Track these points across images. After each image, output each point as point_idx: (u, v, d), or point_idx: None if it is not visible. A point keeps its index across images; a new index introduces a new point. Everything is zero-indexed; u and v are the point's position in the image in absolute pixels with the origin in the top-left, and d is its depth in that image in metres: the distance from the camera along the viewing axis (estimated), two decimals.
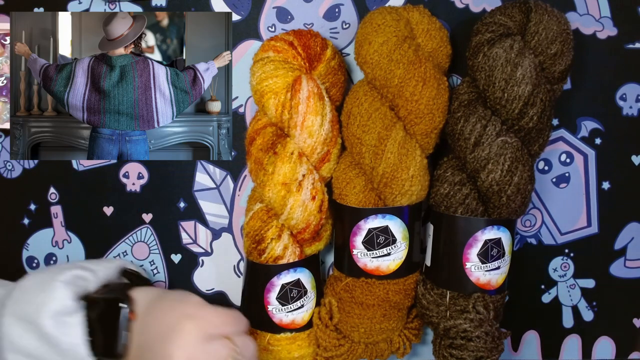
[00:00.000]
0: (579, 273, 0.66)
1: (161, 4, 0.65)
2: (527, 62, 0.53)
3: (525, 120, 0.54)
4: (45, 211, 0.66)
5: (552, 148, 0.64)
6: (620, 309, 0.66)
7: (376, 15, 0.56)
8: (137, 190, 0.66)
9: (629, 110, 0.64)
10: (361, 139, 0.55)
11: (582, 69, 0.63)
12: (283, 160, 0.55)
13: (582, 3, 0.63)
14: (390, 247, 0.57)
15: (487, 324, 0.55)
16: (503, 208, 0.55)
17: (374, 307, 0.58)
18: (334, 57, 0.59)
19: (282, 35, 0.58)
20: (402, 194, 0.55)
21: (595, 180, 0.65)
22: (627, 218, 0.65)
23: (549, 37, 0.54)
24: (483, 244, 0.55)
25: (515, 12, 0.55)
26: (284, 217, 0.56)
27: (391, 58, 0.54)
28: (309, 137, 0.56)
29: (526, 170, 0.54)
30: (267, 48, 0.58)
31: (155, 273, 0.67)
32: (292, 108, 0.55)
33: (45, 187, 0.66)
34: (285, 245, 0.57)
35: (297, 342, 0.60)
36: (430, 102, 0.55)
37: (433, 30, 0.57)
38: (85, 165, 0.66)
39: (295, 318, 0.59)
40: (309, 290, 0.60)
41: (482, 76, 0.54)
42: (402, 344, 0.61)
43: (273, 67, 0.56)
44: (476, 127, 0.54)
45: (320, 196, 0.57)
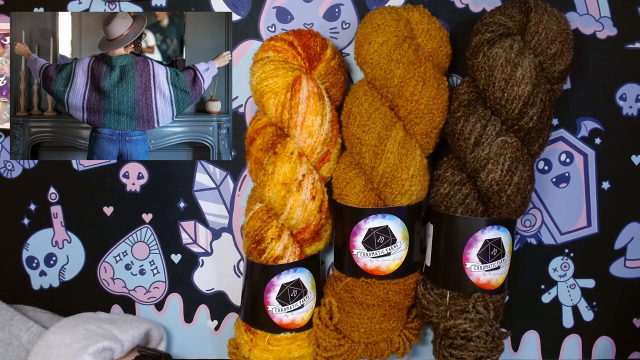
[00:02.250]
0: (579, 273, 0.66)
1: (161, 4, 0.65)
2: (527, 62, 0.53)
3: (525, 120, 0.54)
4: (45, 211, 0.66)
5: (552, 148, 0.64)
6: (620, 309, 0.66)
7: (376, 15, 0.56)
8: (137, 190, 0.66)
9: (629, 110, 0.64)
10: (361, 138, 0.55)
11: (582, 69, 0.63)
12: (283, 160, 0.55)
13: (582, 3, 0.63)
14: (390, 247, 0.57)
15: (487, 323, 0.55)
16: (503, 208, 0.55)
17: (373, 307, 0.58)
18: (334, 57, 0.59)
19: (282, 35, 0.58)
20: (402, 193, 0.55)
21: (595, 180, 0.65)
22: (627, 218, 0.65)
23: (548, 37, 0.54)
24: (483, 243, 0.55)
25: (515, 12, 0.55)
26: (284, 217, 0.56)
27: (391, 58, 0.54)
28: (308, 137, 0.56)
29: (526, 170, 0.54)
30: (267, 48, 0.58)
31: (155, 273, 0.67)
32: (292, 108, 0.55)
33: (45, 187, 0.66)
34: (285, 245, 0.57)
35: (297, 342, 0.60)
36: (430, 102, 0.55)
37: (433, 30, 0.57)
38: (85, 165, 0.66)
39: (295, 318, 0.59)
40: (309, 290, 0.60)
41: (482, 76, 0.54)
42: (402, 344, 0.61)
43: (273, 67, 0.56)
44: (476, 126, 0.54)
45: (320, 196, 0.57)
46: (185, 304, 0.67)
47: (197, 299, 0.67)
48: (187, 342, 0.67)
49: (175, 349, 0.67)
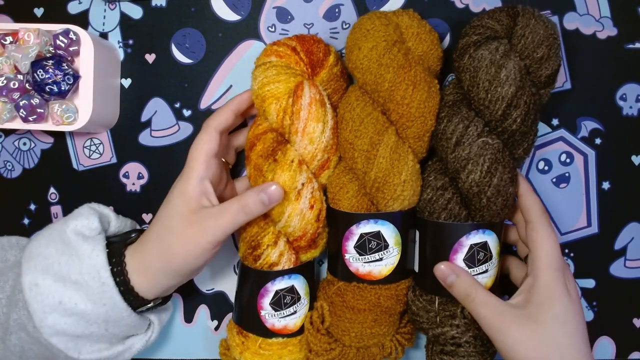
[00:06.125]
0: (579, 273, 0.66)
1: (161, 4, 0.65)
2: (511, 64, 0.53)
3: (509, 122, 0.54)
4: (45, 211, 0.67)
5: (552, 148, 0.64)
6: (620, 309, 0.66)
7: (365, 21, 0.56)
8: (137, 190, 0.66)
9: (629, 110, 0.64)
10: (353, 144, 0.55)
11: (582, 69, 0.63)
12: (283, 168, 0.55)
13: (582, 3, 0.63)
14: (382, 252, 0.56)
15: (475, 328, 0.55)
16: (484, 210, 0.54)
17: (365, 312, 0.58)
18: (337, 64, 0.58)
19: (285, 40, 0.58)
20: (394, 199, 0.55)
21: (595, 180, 0.65)
22: (627, 218, 0.65)
23: (535, 41, 0.54)
24: (469, 248, 0.55)
25: (503, 16, 0.55)
26: (281, 225, 0.56)
27: (381, 63, 0.54)
28: (309, 144, 0.55)
29: (506, 172, 0.54)
30: (270, 53, 0.57)
31: None
32: (294, 114, 0.55)
33: (45, 187, 0.66)
34: (281, 252, 0.57)
35: (289, 348, 0.59)
36: (421, 105, 0.54)
37: (423, 34, 0.56)
38: (85, 165, 0.66)
39: (288, 324, 0.59)
40: (303, 296, 0.59)
41: (467, 77, 0.54)
42: (394, 348, 0.60)
43: (275, 72, 0.56)
44: (458, 127, 0.54)
45: (318, 205, 0.56)
46: (185, 304, 0.67)
47: (197, 299, 0.67)
48: (187, 342, 0.67)
49: (175, 349, 0.67)
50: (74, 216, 0.56)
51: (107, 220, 0.59)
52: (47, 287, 0.52)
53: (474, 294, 0.53)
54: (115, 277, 0.53)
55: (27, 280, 0.52)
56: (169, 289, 0.56)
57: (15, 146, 0.67)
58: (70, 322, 0.52)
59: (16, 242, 0.61)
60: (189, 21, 0.65)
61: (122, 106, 0.65)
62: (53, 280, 0.52)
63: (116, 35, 0.65)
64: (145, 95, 0.65)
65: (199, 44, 0.65)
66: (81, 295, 0.52)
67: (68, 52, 0.59)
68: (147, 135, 0.66)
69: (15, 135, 0.67)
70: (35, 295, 0.52)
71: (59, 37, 0.58)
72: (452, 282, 0.54)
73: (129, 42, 0.65)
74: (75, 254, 0.53)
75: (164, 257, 0.53)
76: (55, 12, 0.66)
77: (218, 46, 0.65)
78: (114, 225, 0.59)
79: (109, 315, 0.53)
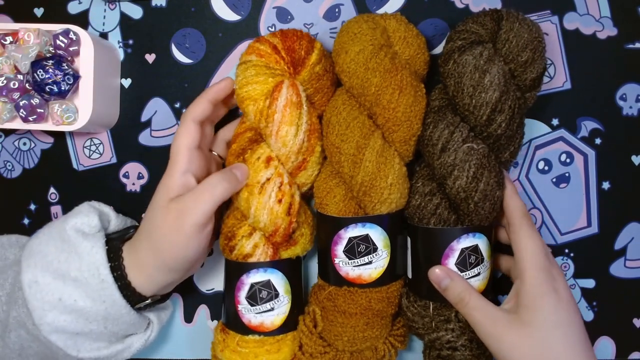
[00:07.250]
0: (579, 273, 0.66)
1: (161, 4, 0.65)
2: (495, 69, 0.53)
3: (494, 127, 0.54)
4: (45, 211, 0.67)
5: (552, 148, 0.64)
6: (620, 309, 0.66)
7: (352, 24, 0.56)
8: (137, 190, 0.66)
9: (629, 110, 0.64)
10: (340, 148, 0.55)
11: (582, 69, 0.63)
12: (248, 164, 0.56)
13: (582, 3, 0.63)
14: (372, 255, 0.56)
15: (470, 331, 0.55)
16: (473, 215, 0.54)
17: (356, 316, 0.57)
18: (319, 62, 0.57)
19: (268, 37, 0.57)
20: (382, 202, 0.55)
21: (595, 180, 0.65)
22: (627, 218, 0.65)
23: (519, 44, 0.54)
24: (460, 252, 0.55)
25: (487, 20, 0.55)
26: (251, 219, 0.56)
27: (367, 67, 0.54)
28: (282, 146, 0.55)
29: (492, 176, 0.54)
30: (251, 51, 0.56)
31: None
32: (269, 117, 0.54)
33: (45, 187, 0.66)
34: (256, 244, 0.57)
35: (266, 347, 0.58)
36: (408, 109, 0.54)
37: (410, 38, 0.56)
38: (85, 165, 0.66)
39: (264, 321, 0.58)
40: (282, 294, 0.59)
41: (452, 82, 0.54)
42: (387, 351, 0.60)
43: (254, 73, 0.55)
44: (444, 133, 0.54)
45: (287, 199, 0.56)
46: (185, 304, 0.67)
47: (197, 299, 0.67)
48: (187, 342, 0.67)
49: (175, 348, 0.67)
50: (73, 214, 0.57)
51: (107, 218, 0.59)
52: (47, 284, 0.52)
53: (467, 299, 0.53)
54: (113, 272, 0.53)
55: (27, 277, 0.52)
56: (166, 286, 0.56)
57: (15, 146, 0.67)
58: (70, 320, 0.52)
59: (16, 240, 0.61)
60: (189, 21, 0.65)
61: (122, 106, 0.66)
62: (52, 277, 0.52)
63: (116, 35, 0.65)
64: (145, 95, 0.65)
65: (199, 44, 0.65)
66: (80, 292, 0.52)
67: (68, 52, 0.59)
68: (147, 135, 0.66)
69: (15, 135, 0.67)
70: (34, 293, 0.52)
71: (59, 37, 0.58)
72: (447, 286, 0.54)
73: (129, 42, 0.65)
74: (74, 251, 0.53)
75: (154, 251, 0.53)
76: (55, 12, 0.66)
77: (218, 46, 0.65)
78: (114, 224, 0.59)
79: (108, 313, 0.53)
